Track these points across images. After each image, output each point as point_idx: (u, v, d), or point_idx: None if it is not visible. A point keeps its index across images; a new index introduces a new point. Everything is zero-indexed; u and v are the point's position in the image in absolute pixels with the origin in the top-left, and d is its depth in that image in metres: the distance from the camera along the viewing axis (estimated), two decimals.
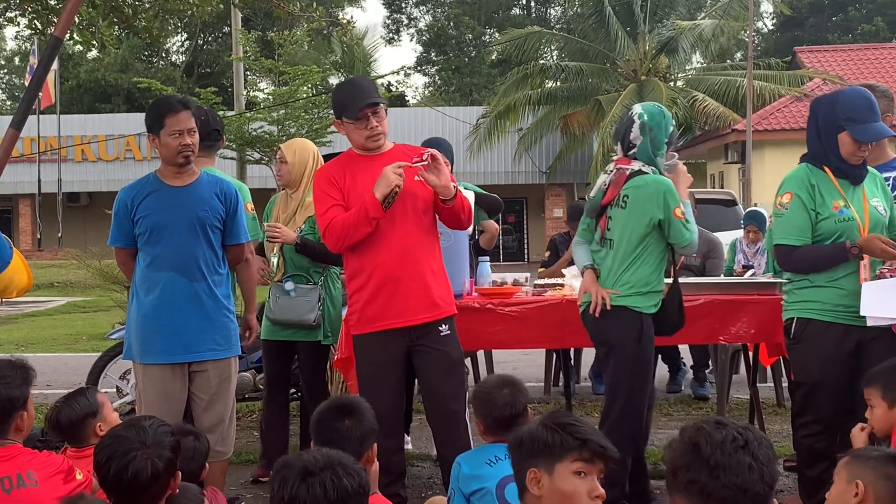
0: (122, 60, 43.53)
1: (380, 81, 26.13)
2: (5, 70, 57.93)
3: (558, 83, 31.84)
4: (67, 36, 8.97)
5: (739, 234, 9.50)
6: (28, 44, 39.51)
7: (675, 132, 5.24)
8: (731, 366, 7.34)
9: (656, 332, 5.10)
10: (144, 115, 4.98)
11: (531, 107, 30.85)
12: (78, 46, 23.57)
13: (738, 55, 42.59)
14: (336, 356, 5.84)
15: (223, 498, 4.14)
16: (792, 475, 5.67)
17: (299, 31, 26.62)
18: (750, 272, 8.37)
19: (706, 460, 2.54)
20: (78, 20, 9.82)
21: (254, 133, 20.58)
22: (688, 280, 6.67)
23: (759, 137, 24.45)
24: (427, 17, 54.96)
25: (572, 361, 8.32)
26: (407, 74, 52.74)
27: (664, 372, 8.41)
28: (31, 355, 11.37)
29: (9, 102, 52.46)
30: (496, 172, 34.00)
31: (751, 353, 6.87)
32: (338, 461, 2.78)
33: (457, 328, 4.97)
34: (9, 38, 54.15)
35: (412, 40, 57.85)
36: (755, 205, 18.05)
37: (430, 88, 54.03)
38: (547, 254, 9.09)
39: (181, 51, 52.17)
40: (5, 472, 3.55)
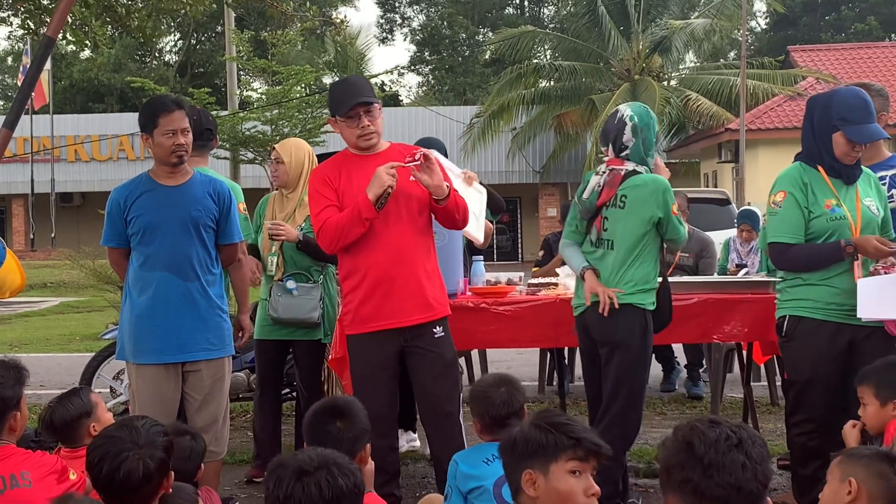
0: (116, 60, 43.47)
1: (373, 81, 26.09)
2: None
3: (552, 82, 31.85)
4: (60, 36, 8.95)
5: (733, 233, 9.50)
6: (21, 44, 39.49)
7: (660, 132, 5.35)
8: (724, 364, 7.35)
9: None
10: (138, 114, 4.98)
11: (525, 106, 30.87)
12: (71, 46, 23.56)
13: (732, 54, 42.64)
14: (330, 356, 5.85)
15: (218, 498, 4.14)
16: (786, 473, 5.68)
17: (292, 31, 26.58)
18: (743, 271, 8.38)
19: (700, 459, 2.54)
20: (71, 20, 9.80)
21: (247, 133, 20.54)
22: (681, 279, 6.69)
23: (752, 136, 24.47)
24: (421, 16, 55.01)
25: (566, 360, 8.33)
26: (401, 74, 52.74)
27: (658, 371, 8.42)
28: (25, 355, 11.38)
29: (1, 102, 52.38)
30: (490, 172, 33.99)
31: (744, 352, 6.88)
32: (333, 461, 2.78)
33: (451, 327, 4.97)
34: (1, 38, 54.27)
35: (406, 40, 57.80)
36: (748, 204, 18.08)
37: (424, 88, 54.04)
38: (541, 253, 9.10)
39: (174, 50, 52.12)
40: None
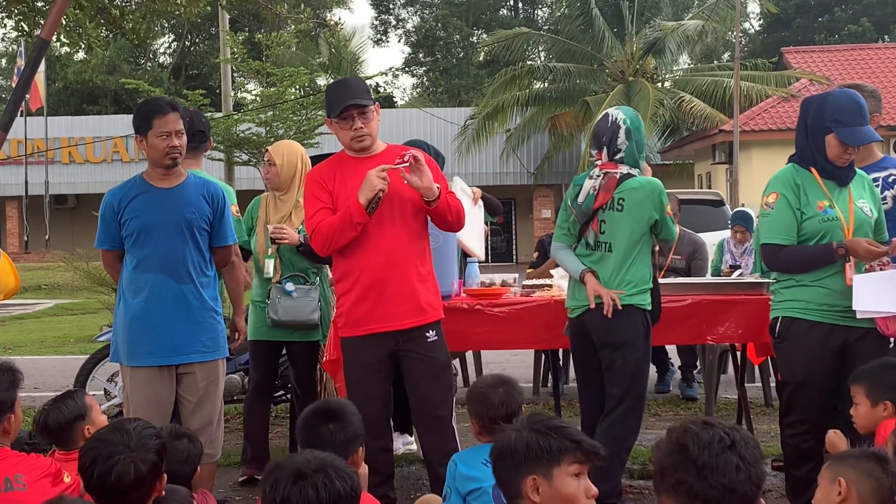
0: (110, 62, 43.39)
1: (368, 82, 26.09)
2: None
3: (546, 84, 31.87)
4: (55, 37, 8.95)
5: (727, 234, 9.53)
6: (15, 46, 39.40)
7: (654, 134, 5.47)
8: (718, 366, 7.37)
9: None
10: (132, 116, 4.97)
11: (519, 108, 30.88)
12: (65, 48, 23.54)
13: (726, 56, 42.72)
14: (325, 358, 5.85)
15: (213, 500, 4.14)
16: (779, 475, 5.69)
17: (286, 33, 26.56)
18: (737, 272, 8.39)
19: (693, 461, 2.55)
20: (65, 22, 9.80)
21: (242, 135, 20.55)
22: (676, 280, 6.71)
23: (746, 138, 24.49)
24: (415, 18, 54.96)
25: (561, 362, 8.33)
26: (395, 75, 52.78)
27: (652, 372, 8.42)
28: (19, 358, 11.36)
29: None
30: (484, 173, 34.00)
31: (738, 353, 6.89)
32: (330, 464, 2.78)
33: (445, 329, 4.98)
34: None
35: (400, 41, 57.91)
36: (742, 205, 18.10)
37: (419, 89, 54.02)
38: (535, 254, 9.10)
39: (168, 52, 52.06)
40: None
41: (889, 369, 4.15)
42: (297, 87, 22.29)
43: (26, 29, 10.42)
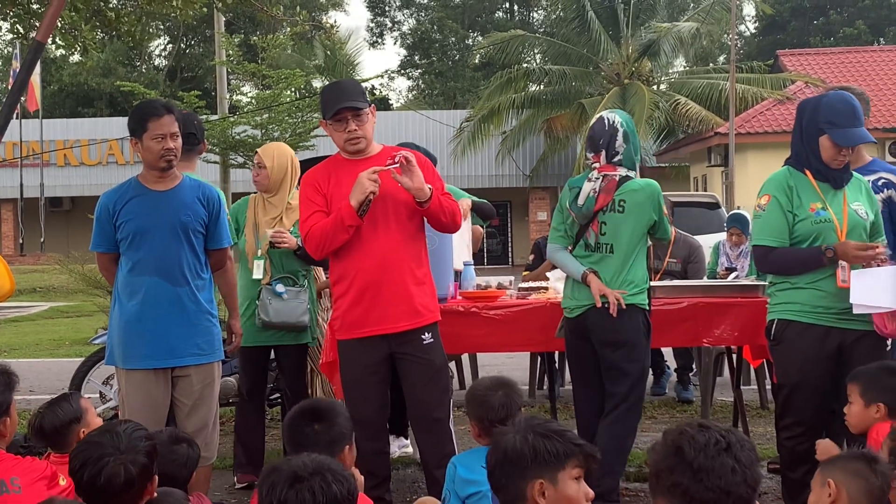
0: (105, 65, 43.36)
1: (364, 85, 26.07)
2: None
3: (542, 86, 31.87)
4: (50, 40, 8.94)
5: (722, 236, 9.52)
6: (10, 48, 39.38)
7: (650, 136, 5.55)
8: (714, 368, 7.36)
9: None
10: (127, 118, 4.96)
11: (515, 110, 30.88)
12: (60, 50, 23.52)
13: (721, 58, 42.74)
14: (321, 360, 5.86)
15: (208, 503, 4.13)
16: (775, 477, 5.69)
17: (282, 35, 26.55)
18: (733, 275, 8.40)
19: (689, 463, 2.55)
20: (60, 24, 9.79)
21: (237, 137, 20.52)
22: (672, 283, 6.72)
23: (741, 140, 24.50)
24: (411, 20, 54.99)
25: (557, 365, 8.34)
26: (391, 78, 52.79)
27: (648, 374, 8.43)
28: (14, 361, 11.35)
29: None
30: (480, 176, 34.02)
31: (734, 356, 6.90)
32: (327, 467, 2.77)
33: (441, 332, 4.97)
34: None
35: (396, 44, 57.83)
36: (738, 208, 18.11)
37: (414, 92, 54.05)
38: (531, 257, 9.10)
39: (164, 55, 52.03)
40: None
41: (887, 373, 4.17)
42: (293, 89, 22.25)
43: (21, 31, 10.41)
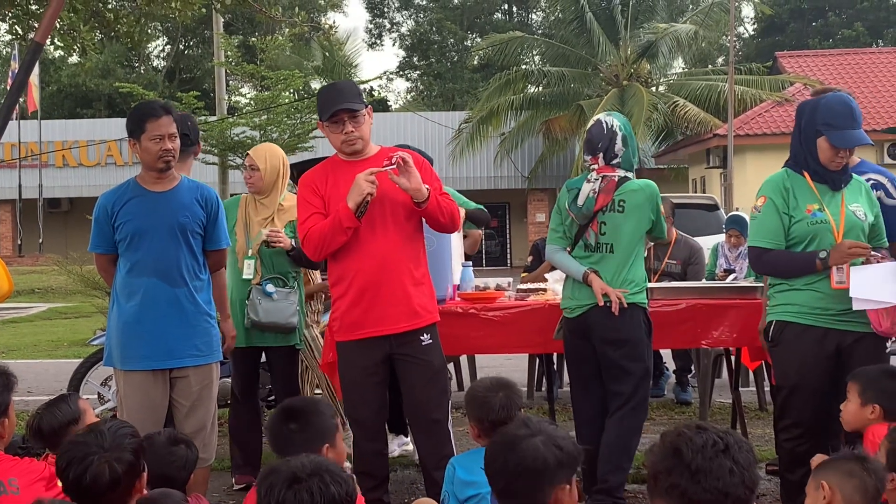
0: (104, 66, 43.33)
1: (362, 87, 26.07)
2: None
3: (540, 88, 31.87)
4: (48, 41, 8.94)
5: (721, 238, 9.53)
6: (8, 49, 39.38)
7: (648, 138, 5.61)
8: (713, 370, 7.37)
9: None
10: (126, 119, 4.96)
11: (513, 112, 30.86)
12: (59, 51, 23.50)
13: (720, 60, 42.77)
14: (321, 360, 5.87)
15: None
16: (774, 479, 5.70)
17: (281, 37, 26.52)
18: (731, 276, 8.40)
19: (687, 465, 2.55)
20: (59, 25, 9.79)
21: (236, 138, 20.51)
22: (670, 285, 6.72)
23: (740, 142, 24.51)
24: (409, 21, 55.01)
25: (555, 366, 8.34)
26: (389, 79, 52.77)
27: None
28: (13, 362, 11.33)
29: None
30: (478, 177, 34.02)
31: (733, 358, 6.90)
32: (325, 468, 2.77)
33: (440, 333, 4.97)
34: None
35: (394, 45, 57.87)
36: (737, 209, 18.12)
37: (413, 93, 54.03)
38: (529, 258, 9.10)
39: (162, 56, 52.02)
40: None
41: (888, 376, 4.20)
42: (292, 90, 22.25)
43: (20, 32, 10.40)
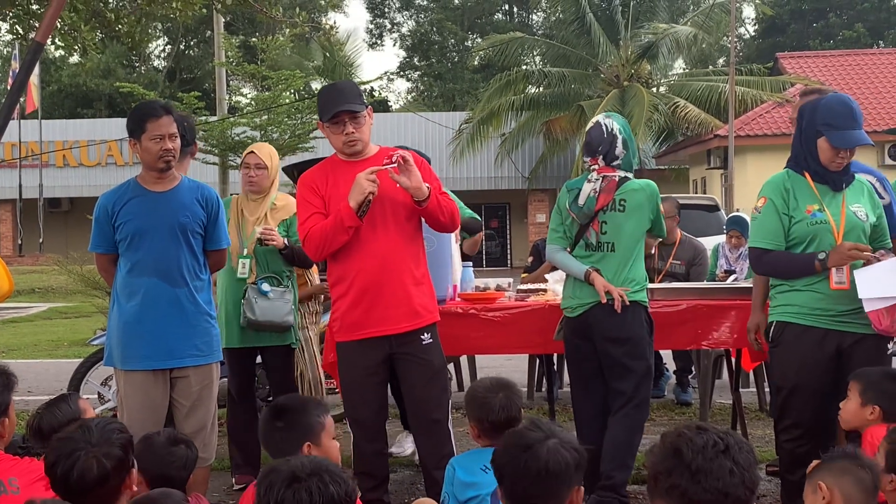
0: (104, 66, 43.34)
1: (363, 87, 26.08)
2: None
3: (541, 88, 31.87)
4: (49, 41, 8.94)
5: (722, 239, 9.53)
6: (9, 48, 39.38)
7: (649, 139, 5.66)
8: (713, 371, 7.36)
9: None
10: (126, 119, 4.96)
11: (514, 112, 30.86)
12: (60, 51, 23.51)
13: (721, 61, 42.76)
14: (323, 360, 5.87)
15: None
16: (774, 480, 5.70)
17: (282, 37, 26.53)
18: (732, 277, 8.40)
19: (687, 465, 2.55)
20: (60, 25, 9.79)
21: (236, 138, 20.52)
22: (670, 285, 6.72)
23: (741, 143, 24.49)
24: (410, 22, 55.02)
25: (555, 367, 8.34)
26: (390, 79, 52.78)
27: None
28: (13, 361, 11.33)
29: None
30: (479, 178, 34.03)
31: (733, 359, 6.90)
32: (325, 468, 2.77)
33: (440, 333, 4.97)
34: None
35: (395, 45, 57.91)
36: (737, 210, 18.13)
37: (413, 94, 54.04)
38: (530, 259, 9.10)
39: (163, 56, 52.03)
40: None
41: (890, 379, 4.20)
42: (292, 90, 22.26)
43: (21, 32, 10.41)
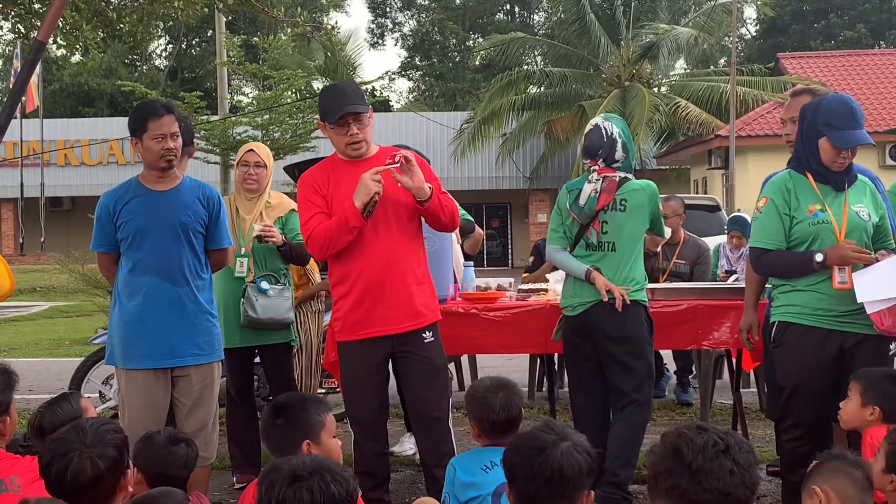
0: (106, 65, 43.35)
1: (364, 87, 26.09)
2: None
3: (542, 88, 31.87)
4: (51, 39, 8.95)
5: (723, 239, 9.52)
6: (11, 47, 39.39)
7: (650, 139, 5.70)
8: (714, 371, 7.36)
9: None
10: (128, 118, 4.97)
11: (515, 112, 30.85)
12: (61, 50, 23.52)
13: (722, 61, 42.76)
14: (323, 359, 5.88)
15: (208, 503, 4.14)
16: (774, 480, 5.70)
17: (284, 36, 26.55)
18: (733, 277, 8.39)
19: (688, 465, 2.55)
20: (61, 24, 9.81)
21: (238, 137, 20.54)
22: (671, 285, 6.72)
23: (742, 143, 24.48)
24: (411, 21, 55.00)
25: (556, 367, 8.34)
26: (391, 79, 52.77)
27: None
28: (14, 360, 11.36)
29: None
30: (480, 178, 34.02)
31: (734, 359, 6.90)
32: (326, 467, 2.78)
33: (441, 333, 4.98)
34: None
35: (396, 45, 57.91)
36: (738, 210, 18.10)
37: (415, 93, 54.04)
38: (531, 259, 9.10)
39: (164, 55, 52.04)
40: None
41: (891, 380, 4.20)
42: (294, 90, 22.28)
43: (23, 31, 10.42)
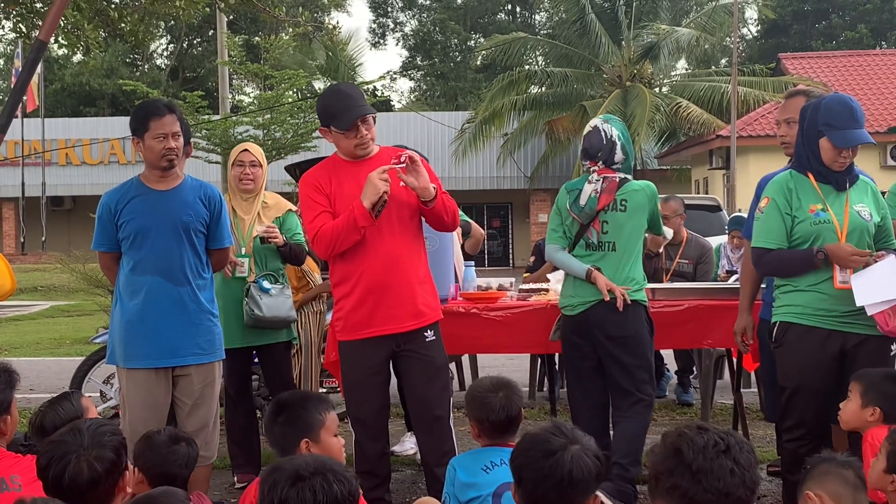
0: (108, 64, 43.36)
1: (366, 88, 26.08)
2: None
3: (543, 88, 31.88)
4: (52, 39, 8.96)
5: (724, 239, 9.53)
6: (12, 47, 39.40)
7: (651, 139, 5.73)
8: (715, 371, 7.36)
9: None
10: (129, 118, 4.97)
11: (516, 112, 30.87)
12: (63, 50, 23.54)
13: (723, 62, 42.76)
14: (324, 359, 5.88)
15: (208, 502, 4.14)
16: (775, 480, 5.70)
17: (285, 36, 26.55)
18: (734, 277, 8.39)
19: (688, 465, 2.55)
20: (63, 23, 9.81)
21: (239, 137, 20.53)
22: (672, 285, 6.72)
23: (743, 143, 24.48)
24: (413, 21, 55.01)
25: (557, 366, 8.34)
26: (393, 79, 52.78)
27: None
28: (15, 359, 11.35)
29: None
30: (481, 177, 34.03)
31: (735, 359, 6.90)
32: (329, 467, 2.78)
33: (442, 333, 4.98)
34: None
35: (398, 45, 57.94)
36: (739, 210, 18.10)
37: (416, 93, 54.05)
38: (532, 259, 9.11)
39: (166, 55, 52.06)
40: None
41: (891, 380, 4.19)
42: (295, 90, 22.27)
43: (24, 30, 10.42)
